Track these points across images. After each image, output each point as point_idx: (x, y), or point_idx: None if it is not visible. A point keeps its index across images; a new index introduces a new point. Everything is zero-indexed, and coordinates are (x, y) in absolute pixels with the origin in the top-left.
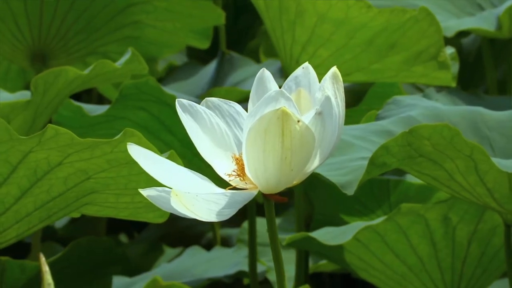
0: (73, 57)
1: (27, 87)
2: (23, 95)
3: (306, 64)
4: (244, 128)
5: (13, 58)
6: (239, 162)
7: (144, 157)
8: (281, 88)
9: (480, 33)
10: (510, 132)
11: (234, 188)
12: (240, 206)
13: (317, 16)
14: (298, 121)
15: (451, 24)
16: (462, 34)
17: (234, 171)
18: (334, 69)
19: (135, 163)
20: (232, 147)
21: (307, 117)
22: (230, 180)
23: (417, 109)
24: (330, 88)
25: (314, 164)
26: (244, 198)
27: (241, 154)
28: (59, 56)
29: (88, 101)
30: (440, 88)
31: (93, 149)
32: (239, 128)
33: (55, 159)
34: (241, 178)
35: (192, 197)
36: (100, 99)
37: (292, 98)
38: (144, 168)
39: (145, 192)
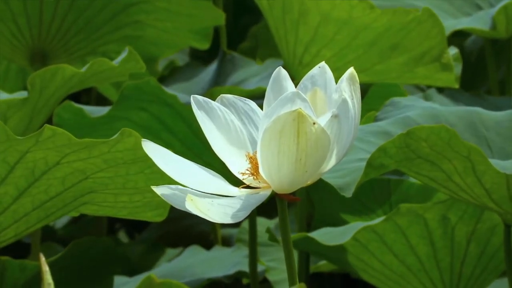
0: (73, 57)
1: (26, 88)
2: (21, 95)
3: (323, 63)
4: (260, 128)
5: (12, 58)
6: (253, 161)
7: (159, 154)
8: (297, 87)
9: (476, 33)
10: (508, 132)
11: (247, 187)
12: (254, 207)
13: (320, 16)
14: (314, 123)
15: (447, 24)
16: (464, 34)
17: (247, 169)
18: (351, 70)
19: (132, 162)
20: (247, 145)
21: (323, 120)
22: (243, 179)
23: (415, 110)
24: (347, 89)
25: (329, 165)
26: (258, 199)
27: (255, 152)
28: (59, 56)
29: (88, 101)
30: (441, 89)
31: (91, 149)
32: (254, 126)
33: (52, 159)
34: (255, 177)
35: (208, 203)
36: (100, 100)
37: (308, 97)
38: (159, 165)
39: (159, 190)
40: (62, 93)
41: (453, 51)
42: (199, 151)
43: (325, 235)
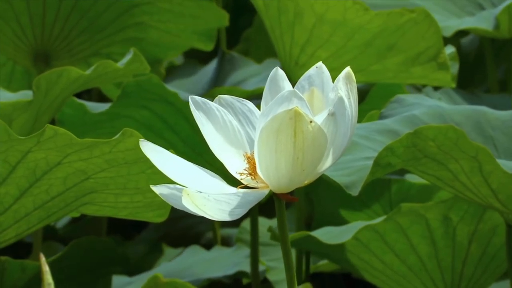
0: (76, 58)
1: (31, 89)
2: (25, 95)
3: (320, 63)
4: (257, 127)
5: (15, 58)
6: (251, 161)
7: (156, 153)
8: (294, 87)
9: (479, 32)
10: None
11: (245, 187)
12: (252, 205)
13: (315, 17)
14: (311, 122)
15: (451, 24)
16: (462, 33)
17: (245, 169)
18: (347, 69)
19: (134, 162)
20: (244, 146)
21: (319, 118)
22: (241, 179)
23: (421, 108)
24: (343, 88)
25: (326, 164)
26: (255, 197)
27: (253, 152)
28: (62, 57)
29: (88, 100)
30: (437, 87)
31: (92, 149)
32: (252, 126)
33: (54, 159)
34: (253, 177)
35: (204, 197)
36: (100, 99)
37: (305, 97)
38: (156, 164)
39: (157, 190)
40: (67, 94)
41: (449, 50)
42: (201, 150)
43: (326, 234)
